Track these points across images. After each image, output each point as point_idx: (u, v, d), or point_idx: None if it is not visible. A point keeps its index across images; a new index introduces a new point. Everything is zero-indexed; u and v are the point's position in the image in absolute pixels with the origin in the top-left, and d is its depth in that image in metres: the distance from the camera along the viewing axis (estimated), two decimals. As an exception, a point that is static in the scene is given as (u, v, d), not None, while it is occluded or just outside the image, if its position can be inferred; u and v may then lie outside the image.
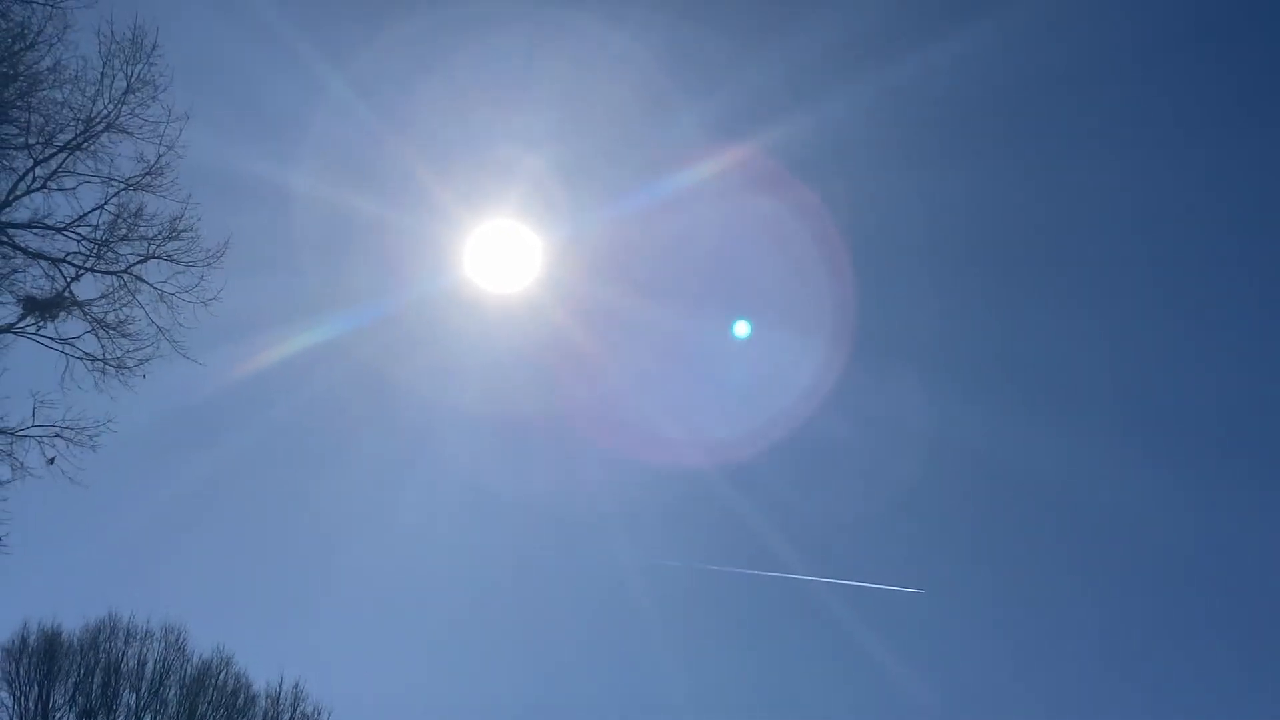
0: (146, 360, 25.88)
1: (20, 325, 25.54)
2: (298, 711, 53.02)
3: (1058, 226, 71.53)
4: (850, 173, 62.53)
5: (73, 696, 49.91)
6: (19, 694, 49.15)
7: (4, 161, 24.52)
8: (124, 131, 24.84)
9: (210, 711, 50.11)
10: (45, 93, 24.37)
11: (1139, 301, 73.30)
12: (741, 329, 59.41)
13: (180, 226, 25.52)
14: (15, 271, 25.38)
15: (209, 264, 25.89)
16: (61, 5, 23.81)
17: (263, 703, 52.21)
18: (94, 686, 50.04)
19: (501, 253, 52.83)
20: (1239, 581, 68.89)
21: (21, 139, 24.41)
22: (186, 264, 25.80)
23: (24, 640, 49.43)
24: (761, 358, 60.64)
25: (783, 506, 65.46)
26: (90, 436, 25.59)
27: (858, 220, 62.63)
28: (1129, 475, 68.24)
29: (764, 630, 72.15)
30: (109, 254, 25.47)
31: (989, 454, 66.05)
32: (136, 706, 50.35)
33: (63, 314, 25.66)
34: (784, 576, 63.21)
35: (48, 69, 24.24)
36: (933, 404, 65.76)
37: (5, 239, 25.01)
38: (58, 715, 49.67)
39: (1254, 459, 71.98)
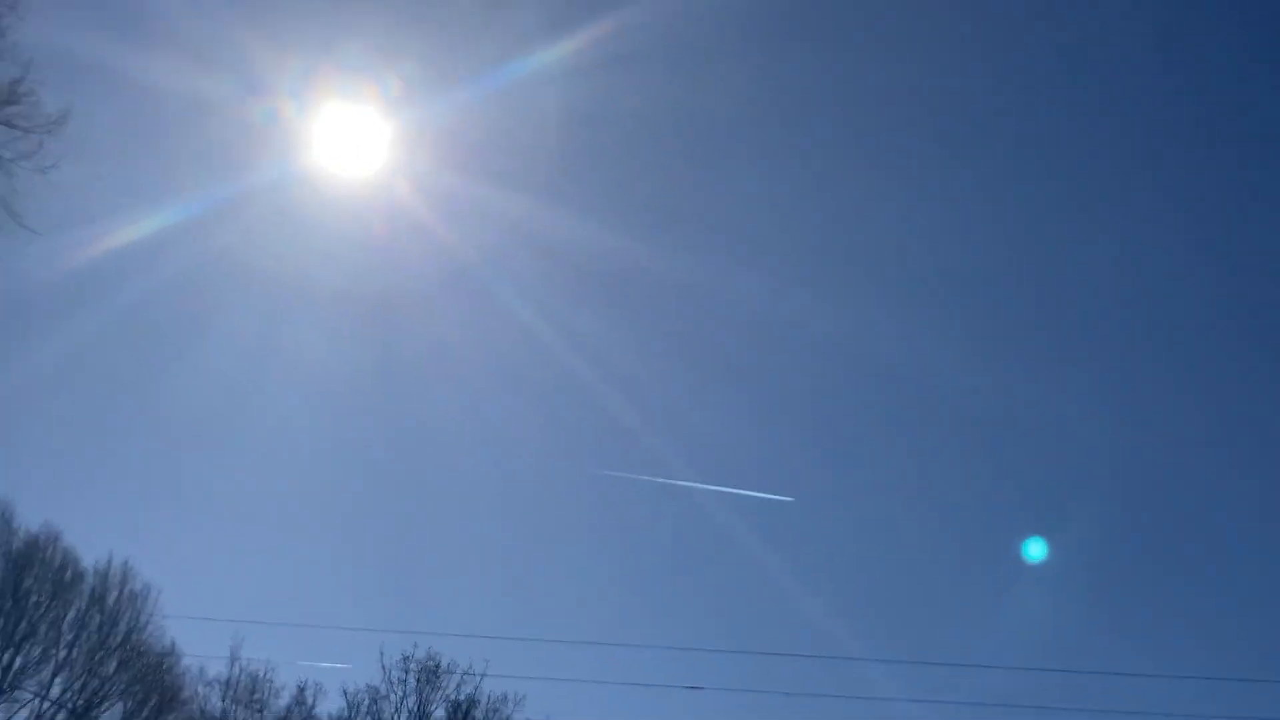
0: (-19, 226, 25.62)
1: None
2: (126, 589, 52.91)
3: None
4: (696, 57, 63.48)
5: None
6: None
7: None
8: (-39, -12, 24.22)
9: (36, 586, 49.61)
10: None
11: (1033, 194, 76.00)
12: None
13: (20, 90, 25.10)
14: None
15: (49, 131, 25.59)
16: None
17: (90, 579, 51.95)
18: (-89, 558, 48.95)
19: (350, 137, 52.32)
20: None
21: None
22: (25, 129, 25.44)
23: None
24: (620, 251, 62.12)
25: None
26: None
27: (709, 103, 63.94)
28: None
29: (637, 533, 74.25)
30: (-57, 115, 24.94)
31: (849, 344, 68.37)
32: (-42, 579, 49.49)
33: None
34: (660, 481, 65.09)
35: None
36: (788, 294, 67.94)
37: None
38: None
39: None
